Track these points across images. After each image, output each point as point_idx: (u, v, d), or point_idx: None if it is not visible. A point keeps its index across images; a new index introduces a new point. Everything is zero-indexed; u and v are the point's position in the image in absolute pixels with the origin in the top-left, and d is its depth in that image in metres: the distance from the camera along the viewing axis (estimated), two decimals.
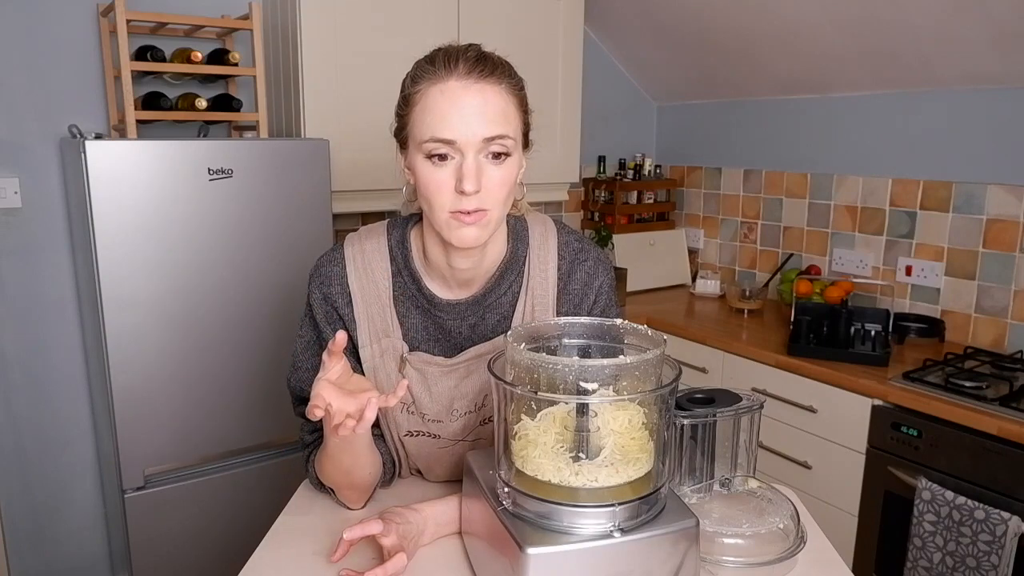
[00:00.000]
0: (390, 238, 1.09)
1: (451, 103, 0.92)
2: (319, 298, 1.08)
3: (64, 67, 2.20)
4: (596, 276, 1.12)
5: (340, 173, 2.24)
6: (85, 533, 2.45)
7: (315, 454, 1.10)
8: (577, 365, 0.83)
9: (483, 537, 0.92)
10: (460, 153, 0.92)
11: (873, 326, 2.22)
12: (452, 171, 0.93)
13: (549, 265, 1.10)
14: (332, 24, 2.21)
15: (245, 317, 2.06)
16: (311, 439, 1.14)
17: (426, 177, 0.94)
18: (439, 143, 0.92)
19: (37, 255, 2.24)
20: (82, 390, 2.36)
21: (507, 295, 1.09)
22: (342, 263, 1.08)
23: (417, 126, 0.94)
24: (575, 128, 2.80)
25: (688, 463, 1.03)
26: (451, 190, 0.93)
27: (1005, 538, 1.70)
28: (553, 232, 1.12)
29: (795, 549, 0.97)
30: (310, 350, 1.11)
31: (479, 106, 0.92)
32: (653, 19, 2.88)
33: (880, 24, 2.27)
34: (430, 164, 0.93)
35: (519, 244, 1.09)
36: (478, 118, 0.92)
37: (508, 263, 1.07)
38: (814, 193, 2.79)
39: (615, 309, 1.15)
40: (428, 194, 0.95)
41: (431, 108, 0.93)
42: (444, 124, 0.92)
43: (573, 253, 1.12)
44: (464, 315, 1.08)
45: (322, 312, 1.08)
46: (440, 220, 0.96)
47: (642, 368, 0.84)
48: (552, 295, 1.10)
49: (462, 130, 0.91)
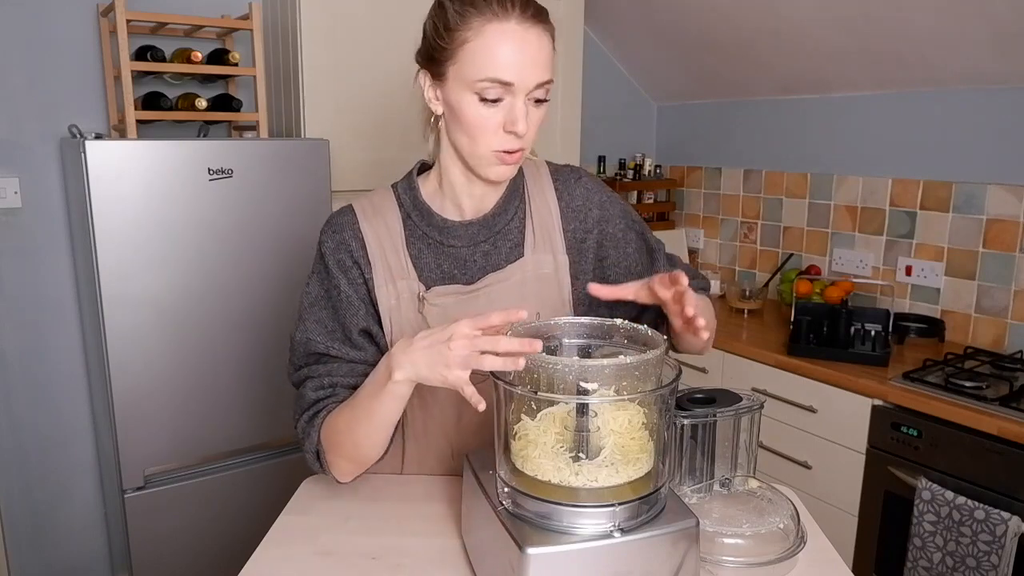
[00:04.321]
0: (396, 188, 1.12)
1: (512, 44, 0.92)
2: (332, 246, 1.08)
3: (64, 67, 2.20)
4: (595, 192, 1.15)
5: (340, 173, 2.24)
6: (85, 533, 2.45)
7: (324, 414, 1.04)
8: (577, 365, 0.83)
9: (483, 537, 0.91)
10: (512, 95, 0.94)
11: (873, 326, 2.22)
12: (502, 111, 0.95)
13: (546, 190, 1.14)
14: (332, 24, 2.21)
15: (245, 317, 2.06)
16: (315, 397, 1.06)
17: (474, 115, 0.95)
18: (497, 84, 0.93)
19: (37, 255, 2.24)
20: (82, 390, 2.36)
21: (514, 221, 1.11)
22: (352, 213, 1.09)
23: (470, 64, 0.93)
24: (575, 128, 2.80)
25: (688, 463, 1.03)
26: (498, 129, 0.95)
27: (1005, 538, 1.70)
28: (543, 164, 1.17)
29: (795, 549, 0.97)
30: (318, 304, 1.09)
31: (536, 51, 0.93)
32: (653, 19, 2.88)
33: (880, 24, 2.27)
34: (481, 103, 0.94)
35: (516, 176, 1.13)
36: (535, 63, 0.93)
37: (511, 190, 1.11)
38: (814, 193, 2.79)
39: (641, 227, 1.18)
40: (473, 132, 0.97)
41: (491, 48, 0.92)
42: (505, 66, 0.92)
43: (566, 175, 1.16)
44: (476, 240, 1.09)
45: (335, 259, 1.07)
46: (483, 155, 0.98)
47: (642, 368, 0.84)
48: (556, 216, 1.12)
49: (523, 74, 0.92)
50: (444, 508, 1.10)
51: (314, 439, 1.04)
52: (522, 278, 1.10)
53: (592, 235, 1.14)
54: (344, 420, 1.01)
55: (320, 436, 1.04)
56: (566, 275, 1.12)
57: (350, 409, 1.00)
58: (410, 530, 1.04)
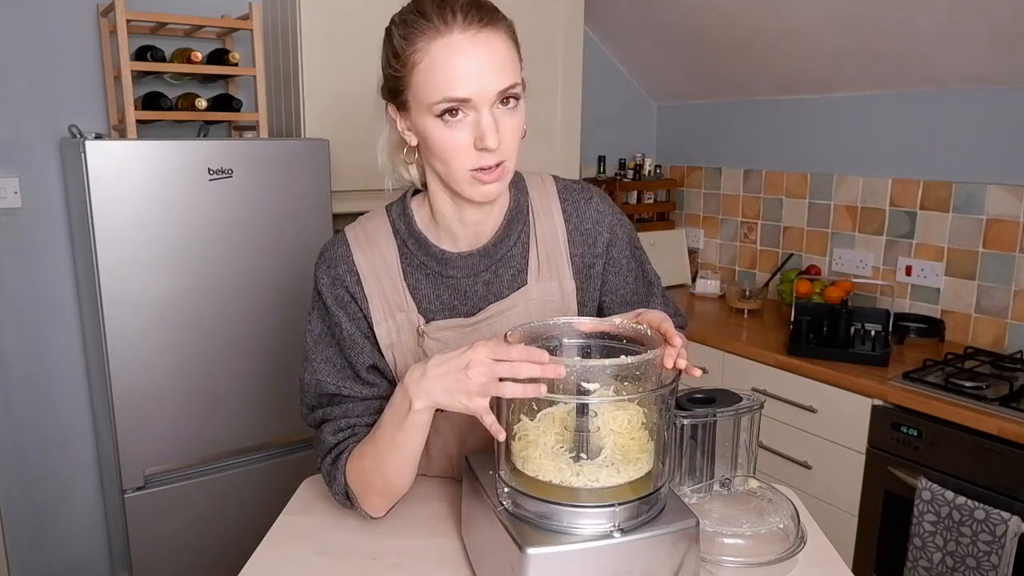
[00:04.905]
0: (390, 213, 1.07)
1: (460, 59, 0.86)
2: (328, 282, 1.04)
3: (64, 67, 2.20)
4: (606, 214, 1.09)
5: (340, 173, 2.24)
6: (85, 533, 2.45)
7: (346, 455, 1.01)
8: (578, 365, 0.83)
9: (483, 537, 0.91)
10: (475, 110, 0.88)
11: (873, 326, 2.22)
12: (468, 128, 0.89)
13: (553, 210, 1.07)
14: (332, 24, 2.21)
15: (245, 317, 2.06)
16: (335, 440, 1.02)
17: (441, 138, 0.90)
18: (454, 102, 0.87)
19: (37, 255, 2.24)
20: (82, 390, 2.36)
21: (517, 246, 1.06)
22: (346, 244, 1.04)
23: (423, 87, 0.89)
24: (575, 128, 2.79)
25: (688, 463, 1.03)
26: (469, 148, 0.90)
27: (1005, 538, 1.70)
28: (550, 180, 1.10)
29: (795, 549, 0.97)
30: (323, 342, 1.05)
31: (488, 59, 0.87)
32: (653, 19, 2.88)
33: (880, 24, 2.27)
34: (443, 124, 0.89)
35: (520, 194, 1.07)
36: (490, 72, 0.87)
37: (513, 212, 1.05)
38: (814, 193, 2.79)
39: (643, 257, 1.14)
40: (444, 155, 0.91)
41: (438, 67, 0.87)
42: (456, 83, 0.86)
43: (575, 193, 1.09)
44: (477, 270, 1.04)
45: (332, 296, 1.03)
46: (460, 179, 0.93)
47: (642, 368, 0.84)
48: (563, 240, 1.07)
49: (477, 87, 0.87)
50: (444, 508, 1.10)
51: (341, 481, 1.01)
52: (526, 308, 1.06)
53: (601, 260, 1.09)
54: (370, 458, 0.97)
55: (347, 479, 1.01)
56: (573, 302, 1.08)
57: (372, 446, 0.97)
58: (410, 530, 1.04)
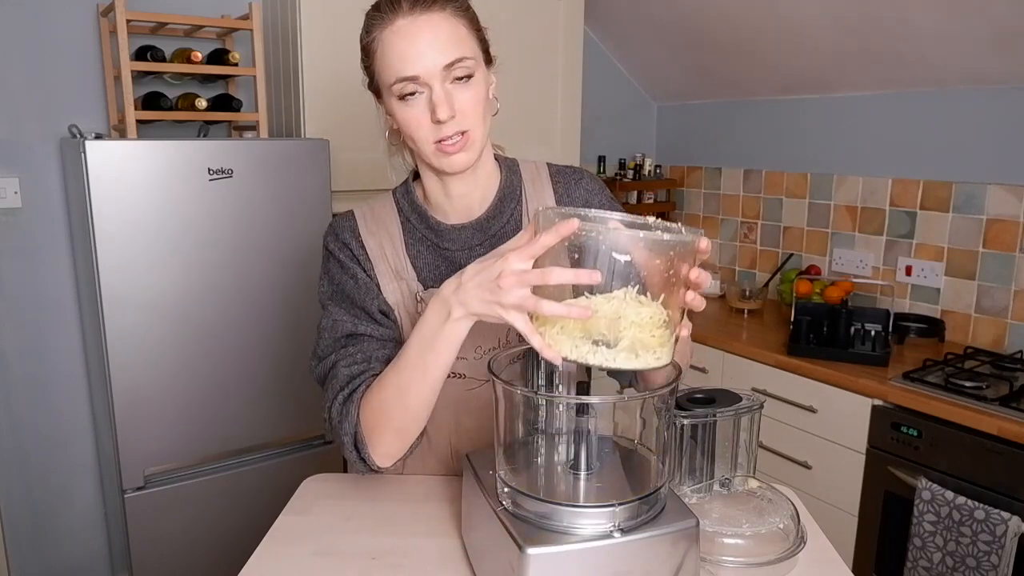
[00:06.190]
0: (395, 194, 1.15)
1: (404, 41, 0.96)
2: (338, 244, 1.11)
3: (64, 67, 2.20)
4: (596, 194, 1.16)
5: (340, 173, 2.24)
6: (85, 533, 2.45)
7: (363, 388, 1.01)
8: (612, 235, 0.77)
9: (483, 537, 0.91)
10: (427, 86, 0.97)
11: (873, 326, 2.22)
12: (425, 104, 0.98)
13: (545, 192, 1.15)
14: (332, 24, 2.21)
15: (245, 317, 2.06)
16: (351, 373, 1.02)
17: (404, 116, 1.00)
18: (405, 81, 0.97)
19: (37, 255, 2.24)
20: (82, 390, 2.36)
21: (510, 223, 1.12)
22: (353, 220, 1.13)
23: (382, 72, 0.99)
24: (575, 128, 2.79)
25: (688, 463, 1.03)
26: (428, 122, 0.98)
27: (1005, 538, 1.70)
28: (543, 166, 1.18)
29: (795, 549, 0.97)
30: (336, 298, 1.10)
31: (430, 37, 0.96)
32: (653, 19, 2.88)
33: (880, 24, 2.27)
34: (403, 104, 0.99)
35: (512, 176, 1.14)
36: (432, 48, 0.96)
37: (505, 191, 1.12)
38: (814, 193, 2.79)
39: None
40: (410, 131, 1.00)
41: (388, 51, 0.97)
42: (403, 62, 0.96)
43: (567, 176, 1.17)
44: (471, 243, 1.10)
45: (344, 254, 1.10)
46: (427, 152, 1.01)
47: (677, 250, 0.78)
48: None
49: (421, 63, 0.96)
50: (444, 508, 1.10)
51: (353, 417, 0.99)
52: None
53: None
54: (391, 385, 0.96)
55: (360, 413, 0.99)
56: None
57: (396, 373, 0.96)
58: (410, 530, 1.05)
